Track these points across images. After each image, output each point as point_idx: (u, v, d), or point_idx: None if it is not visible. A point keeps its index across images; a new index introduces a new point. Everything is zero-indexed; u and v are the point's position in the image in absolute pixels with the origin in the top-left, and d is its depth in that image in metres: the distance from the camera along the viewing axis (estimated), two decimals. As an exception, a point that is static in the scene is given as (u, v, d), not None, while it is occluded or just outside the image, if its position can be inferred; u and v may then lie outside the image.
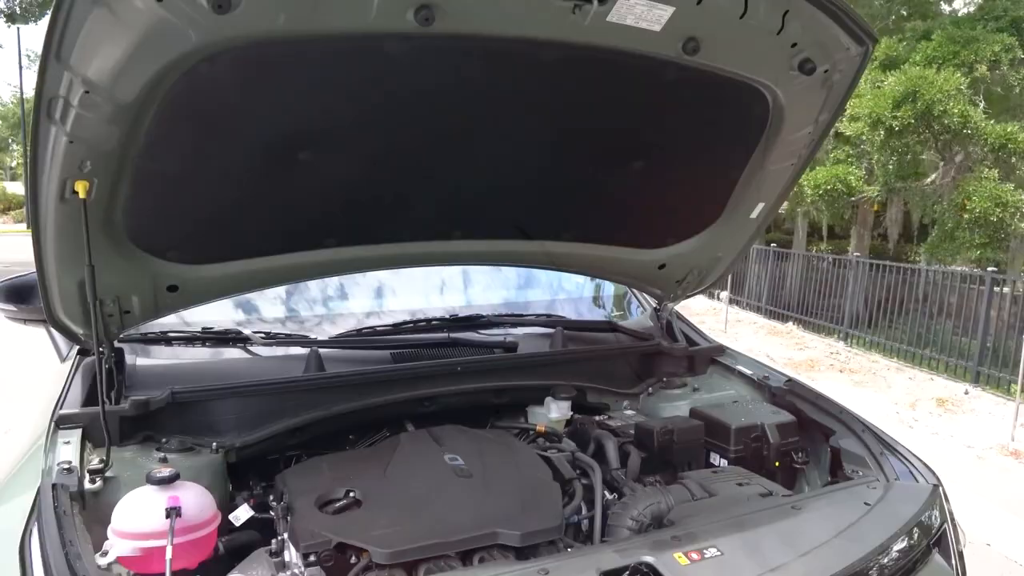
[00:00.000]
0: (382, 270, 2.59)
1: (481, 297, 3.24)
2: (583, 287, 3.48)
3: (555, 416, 2.69)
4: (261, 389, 2.38)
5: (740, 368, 3.00)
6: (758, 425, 2.52)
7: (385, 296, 3.07)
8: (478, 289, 3.28)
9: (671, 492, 2.16)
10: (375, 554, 1.81)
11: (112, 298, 2.17)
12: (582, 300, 3.51)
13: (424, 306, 3.06)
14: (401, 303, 3.05)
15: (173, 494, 1.89)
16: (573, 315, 3.34)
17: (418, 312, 2.99)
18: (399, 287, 3.10)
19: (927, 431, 7.16)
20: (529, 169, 2.36)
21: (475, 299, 3.20)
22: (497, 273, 3.25)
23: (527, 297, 3.38)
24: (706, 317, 13.94)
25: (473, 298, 3.22)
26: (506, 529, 1.90)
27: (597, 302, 3.54)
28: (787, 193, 2.69)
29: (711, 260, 2.96)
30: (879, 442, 2.29)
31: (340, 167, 2.11)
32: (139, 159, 1.84)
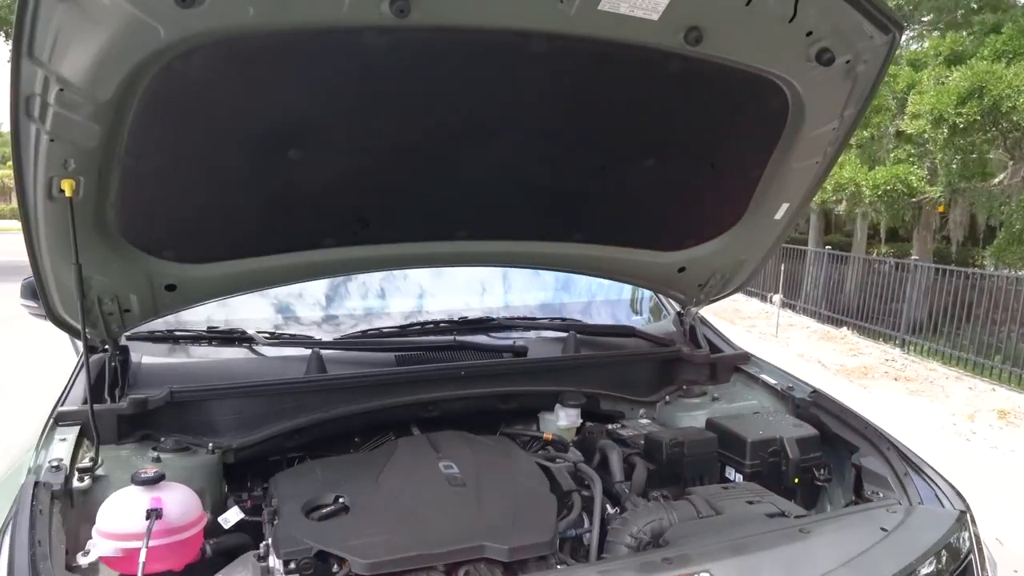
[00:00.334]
0: (383, 271, 2.54)
1: (493, 299, 3.16)
2: (603, 290, 3.36)
3: (563, 424, 2.60)
4: (259, 390, 2.35)
5: (764, 377, 2.85)
6: (777, 439, 2.38)
7: (393, 297, 3.02)
8: (490, 291, 3.20)
9: (676, 508, 2.04)
10: (354, 564, 1.75)
11: (110, 296, 2.18)
12: (601, 304, 3.39)
13: (434, 308, 3.00)
14: (409, 305, 2.99)
15: (156, 495, 1.87)
16: (591, 319, 3.22)
17: (426, 314, 2.93)
18: (408, 288, 3.05)
19: (986, 444, 6.77)
20: (533, 167, 2.27)
21: (487, 301, 3.13)
22: (511, 275, 3.17)
23: (543, 300, 3.29)
24: (757, 321, 13.58)
25: (485, 300, 3.14)
26: (494, 543, 1.81)
27: (617, 306, 3.41)
28: (813, 193, 2.53)
29: (735, 263, 2.81)
30: (904, 462, 2.12)
31: (332, 165, 2.06)
32: (126, 157, 1.82)
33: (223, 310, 2.74)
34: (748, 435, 2.38)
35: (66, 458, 2.00)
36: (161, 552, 1.85)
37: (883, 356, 10.46)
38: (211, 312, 2.71)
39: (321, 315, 2.89)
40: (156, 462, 2.13)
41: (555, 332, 2.93)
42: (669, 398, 2.85)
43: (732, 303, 15.96)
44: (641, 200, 2.50)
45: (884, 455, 2.17)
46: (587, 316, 3.26)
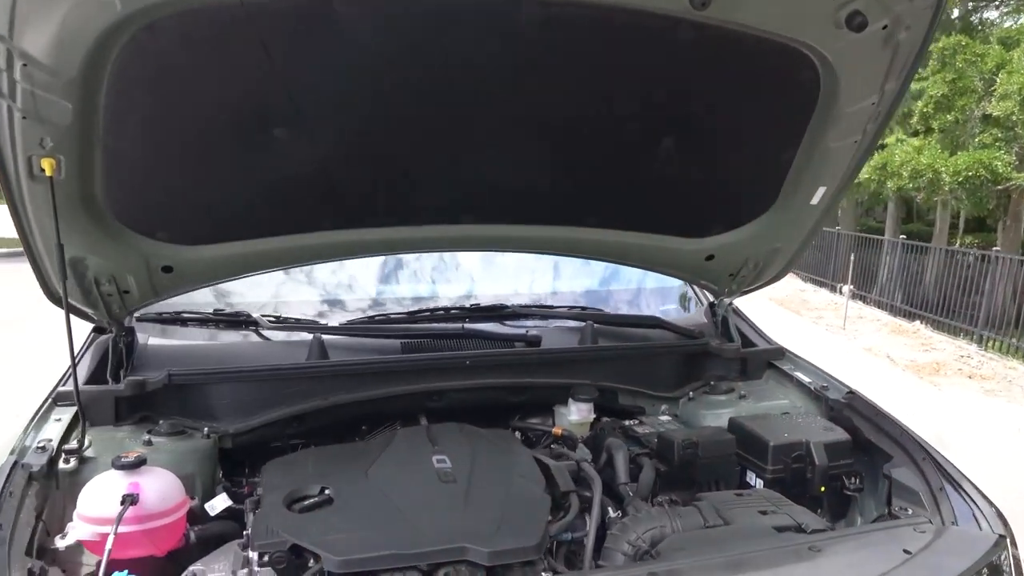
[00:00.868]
0: (385, 255, 2.44)
1: (510, 285, 3.03)
2: (632, 278, 3.19)
3: (575, 419, 2.46)
4: (256, 375, 2.30)
5: (798, 375, 2.64)
6: (802, 443, 2.19)
7: (404, 282, 2.92)
8: (508, 276, 3.07)
9: (681, 515, 1.88)
10: (327, 560, 1.67)
11: (107, 278, 2.15)
12: (627, 292, 3.22)
13: (446, 294, 2.89)
14: (421, 290, 2.90)
15: (134, 480, 1.83)
16: (616, 307, 3.06)
17: (437, 300, 2.82)
18: (421, 273, 2.95)
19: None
20: (541, 146, 2.13)
21: (503, 287, 2.99)
22: (531, 259, 3.01)
23: (565, 287, 3.14)
24: (825, 312, 13.02)
25: (501, 286, 3.00)
26: (476, 545, 1.70)
27: (647, 295, 3.23)
28: (853, 176, 2.31)
29: (768, 252, 2.61)
30: (941, 475, 1.91)
31: (322, 145, 1.97)
32: (105, 136, 1.78)
33: (236, 292, 2.70)
34: (771, 438, 2.20)
35: (55, 439, 1.99)
36: (138, 538, 1.81)
37: (958, 352, 9.85)
38: (223, 294, 2.68)
39: (331, 299, 2.82)
40: (147, 445, 2.10)
41: (573, 321, 2.78)
42: (693, 394, 2.67)
43: (799, 293, 15.37)
44: (661, 183, 2.32)
45: (919, 466, 1.95)
46: (612, 304, 3.09)
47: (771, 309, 13.42)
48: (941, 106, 11.71)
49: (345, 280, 2.87)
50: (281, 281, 2.86)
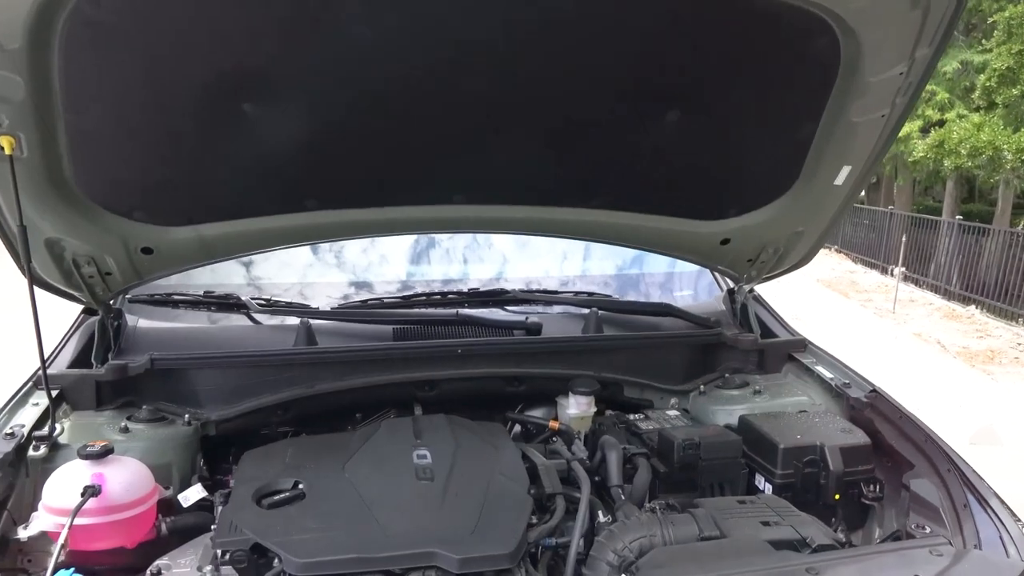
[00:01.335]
0: (371, 237, 2.31)
1: (514, 268, 2.88)
2: (647, 262, 3.00)
3: (573, 412, 2.32)
4: (238, 361, 2.22)
5: (819, 370, 2.45)
6: (816, 446, 2.01)
7: (402, 264, 2.80)
8: (511, 259, 2.92)
9: (674, 524, 1.73)
10: (287, 562, 1.58)
11: (86, 260, 2.08)
12: (641, 277, 3.04)
13: (446, 277, 2.76)
14: (419, 272, 2.77)
15: (98, 471, 1.77)
16: (626, 293, 2.89)
17: (435, 284, 2.70)
18: (420, 254, 2.83)
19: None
20: (536, 120, 1.97)
21: (507, 271, 2.85)
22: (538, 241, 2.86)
23: (574, 271, 2.98)
24: (874, 295, 12.54)
25: (505, 269, 2.86)
26: (446, 551, 1.59)
27: (663, 280, 3.05)
28: (882, 153, 2.10)
29: (790, 236, 2.41)
30: (967, 489, 1.71)
31: (295, 121, 1.84)
32: (66, 113, 1.69)
33: (233, 273, 2.63)
34: (781, 439, 2.03)
35: (29, 424, 1.94)
36: (104, 529, 1.75)
37: (1015, 339, 9.35)
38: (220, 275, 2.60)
39: (323, 281, 2.72)
40: (124, 432, 2.04)
41: (579, 308, 2.62)
42: (704, 388, 2.50)
43: (848, 274, 14.84)
44: (671, 162, 2.15)
45: (942, 478, 1.77)
46: (624, 290, 2.92)
47: (817, 290, 12.99)
48: (1005, 80, 11.01)
49: (368, 262, 2.76)
50: (309, 263, 2.78)
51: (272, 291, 2.67)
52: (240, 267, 2.74)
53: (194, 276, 2.56)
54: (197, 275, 2.52)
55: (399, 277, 2.79)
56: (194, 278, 2.57)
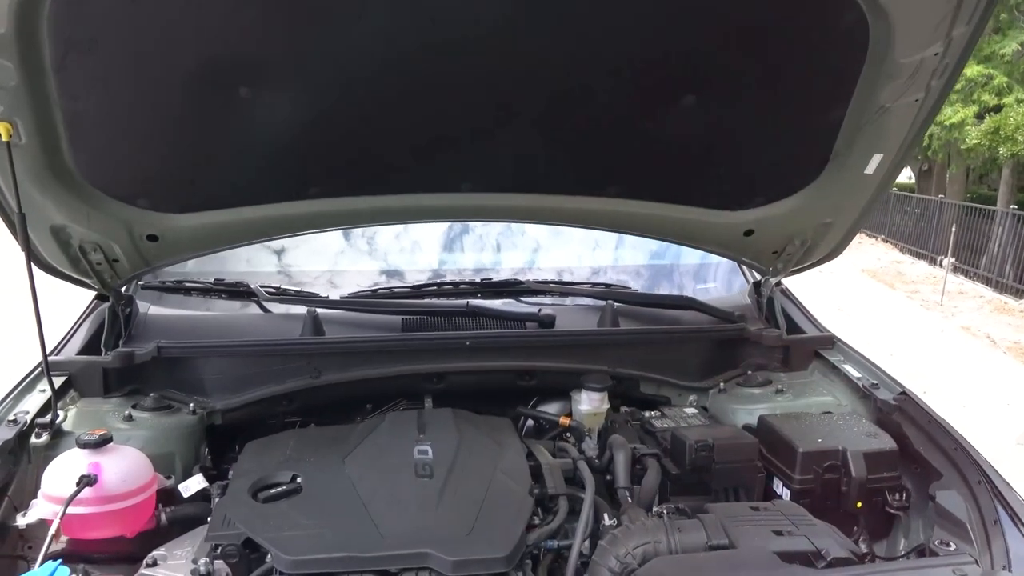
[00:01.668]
0: (377, 225, 2.26)
1: (531, 258, 2.80)
2: (670, 253, 2.90)
3: (585, 408, 2.24)
4: (243, 350, 2.19)
5: (847, 369, 2.33)
6: (838, 450, 1.90)
7: (414, 253, 2.74)
8: (528, 248, 2.84)
9: (681, 530, 1.65)
10: (276, 559, 1.55)
11: (92, 246, 2.08)
12: (664, 268, 2.93)
13: (459, 266, 2.70)
14: (431, 261, 2.71)
15: (95, 460, 1.75)
16: (648, 285, 2.79)
17: (446, 274, 2.63)
18: (432, 243, 2.76)
19: None
20: (552, 105, 1.88)
21: (524, 260, 2.77)
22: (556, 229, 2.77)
23: (596, 261, 2.88)
24: (922, 286, 12.14)
25: (522, 259, 2.78)
26: (440, 552, 1.54)
27: (683, 271, 2.94)
28: (917, 140, 1.97)
29: (817, 227, 2.29)
30: (999, 503, 1.59)
31: (294, 105, 1.79)
32: (61, 99, 1.67)
33: (295, 264, 2.60)
34: (800, 442, 1.92)
35: (33, 411, 1.94)
36: (101, 519, 1.74)
37: (1072, 336, 8.95)
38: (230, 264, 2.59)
39: (334, 270, 2.68)
40: (128, 420, 2.03)
41: (595, 300, 2.54)
42: (724, 385, 2.40)
43: (895, 264, 14.39)
44: (687, 148, 2.04)
45: (971, 490, 1.65)
46: (646, 281, 2.82)
47: (862, 281, 12.62)
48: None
49: (400, 247, 2.72)
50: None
51: (303, 279, 2.65)
52: (271, 254, 2.73)
53: (224, 262, 2.57)
54: (225, 261, 2.52)
55: (430, 266, 2.73)
56: (227, 264, 2.56)
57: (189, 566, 1.63)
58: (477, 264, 2.81)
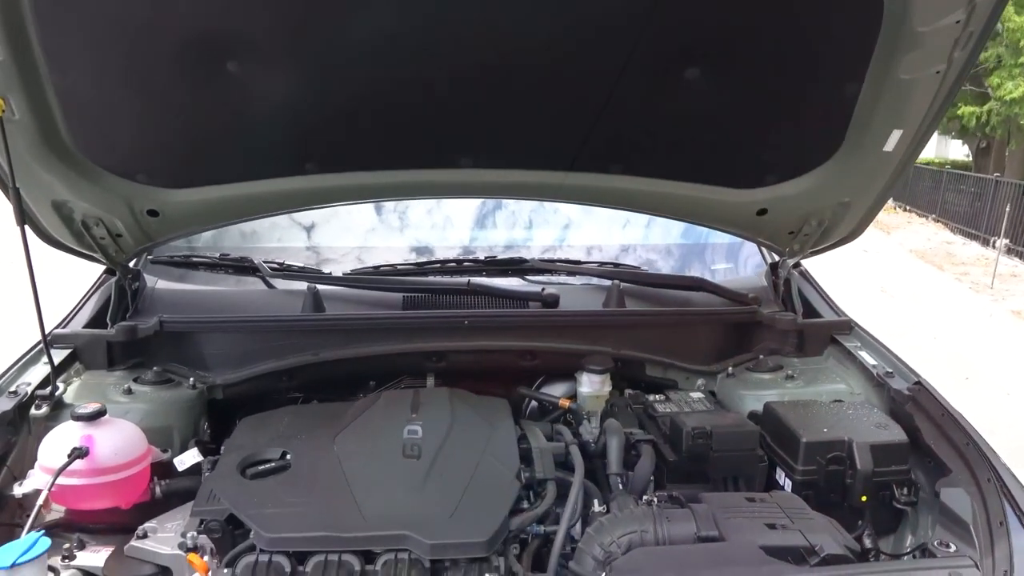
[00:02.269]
0: (377, 200, 2.23)
1: (541, 235, 2.74)
2: (688, 232, 2.80)
3: (586, 390, 2.19)
4: (243, 326, 2.20)
5: (862, 356, 2.23)
6: (844, 441, 1.82)
7: (421, 229, 2.70)
8: (538, 224, 2.78)
9: (671, 520, 1.60)
10: (257, 536, 1.55)
11: (95, 221, 2.09)
12: (678, 247, 2.84)
13: (465, 243, 2.65)
14: (436, 238, 2.67)
15: (88, 433, 1.77)
16: (661, 265, 2.71)
17: (450, 251, 2.59)
18: (439, 218, 2.72)
19: None
20: (553, 76, 1.81)
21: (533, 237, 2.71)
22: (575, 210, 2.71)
23: (609, 239, 2.80)
24: (972, 268, 11.69)
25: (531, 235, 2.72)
26: (420, 535, 1.52)
27: (699, 251, 2.84)
28: (939, 116, 1.84)
29: (836, 207, 2.18)
30: (1008, 503, 1.50)
31: (284, 80, 1.76)
32: (52, 75, 1.68)
33: (322, 245, 2.61)
34: (804, 432, 1.84)
35: (34, 383, 1.97)
36: (94, 491, 1.76)
37: None
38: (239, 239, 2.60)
39: (340, 246, 2.66)
40: (127, 393, 2.05)
41: (602, 279, 2.47)
42: (733, 369, 2.32)
43: (945, 245, 13.88)
44: (694, 124, 1.96)
45: (980, 488, 1.56)
46: (659, 260, 2.74)
47: (909, 262, 12.22)
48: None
49: (358, 224, 2.70)
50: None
51: (328, 255, 2.65)
52: (301, 230, 2.75)
53: (248, 238, 2.58)
54: (251, 237, 2.52)
55: (461, 242, 2.71)
56: (254, 239, 2.57)
57: (177, 539, 1.65)
58: (509, 241, 2.77)
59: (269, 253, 2.55)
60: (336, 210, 2.72)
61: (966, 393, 6.02)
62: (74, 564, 1.68)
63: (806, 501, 1.73)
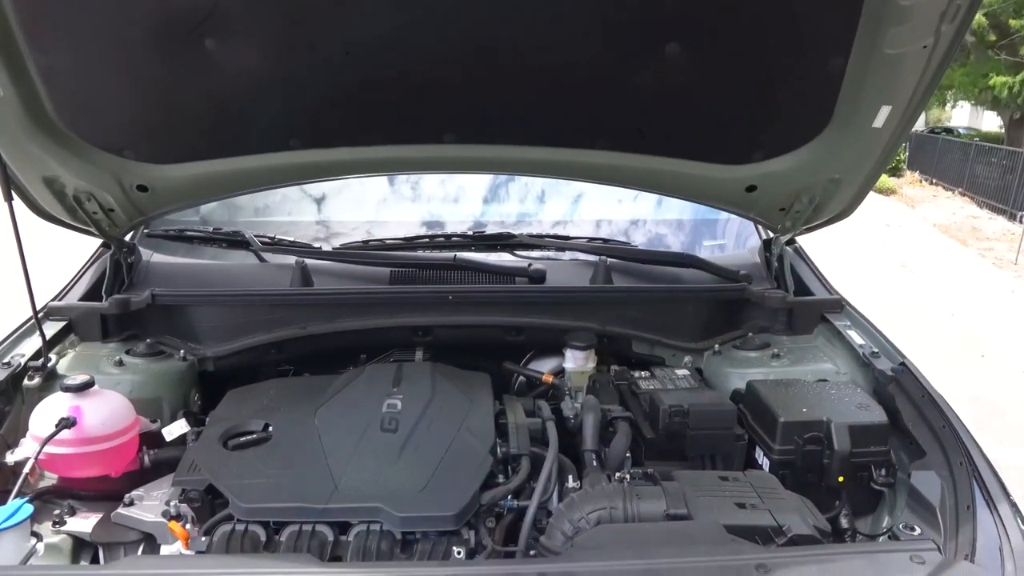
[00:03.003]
0: (361, 176, 2.22)
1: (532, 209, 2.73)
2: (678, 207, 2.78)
3: (570, 367, 2.20)
4: (232, 299, 2.23)
5: (851, 335, 2.21)
6: (822, 422, 1.82)
7: (409, 203, 2.71)
8: (529, 200, 2.77)
9: (641, 497, 1.61)
10: (233, 506, 1.59)
11: (86, 196, 2.12)
12: (670, 224, 2.82)
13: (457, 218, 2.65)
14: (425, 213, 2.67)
15: (76, 403, 1.82)
16: (646, 242, 2.69)
17: (439, 226, 2.59)
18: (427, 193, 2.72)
19: None
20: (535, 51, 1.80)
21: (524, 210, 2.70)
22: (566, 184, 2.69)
23: (600, 215, 2.79)
24: (997, 243, 11.48)
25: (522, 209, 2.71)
26: (391, 508, 1.56)
27: (691, 227, 2.82)
28: (928, 92, 1.80)
29: (826, 184, 2.15)
30: (979, 487, 1.49)
31: (263, 56, 1.76)
32: (32, 52, 1.69)
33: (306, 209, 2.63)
34: (782, 412, 1.84)
35: (28, 354, 2.02)
36: (82, 460, 1.81)
37: None
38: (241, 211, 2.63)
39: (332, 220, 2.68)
40: (118, 365, 2.10)
41: (590, 255, 2.46)
42: (719, 347, 2.32)
43: (970, 220, 13.61)
44: (678, 99, 1.93)
45: (951, 471, 1.55)
46: (651, 237, 2.73)
47: (932, 237, 12.01)
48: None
49: (350, 198, 2.71)
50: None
51: (340, 229, 2.68)
52: (312, 203, 2.78)
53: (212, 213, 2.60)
54: (264, 211, 2.54)
55: (473, 215, 2.71)
56: (267, 213, 2.59)
57: (161, 507, 1.70)
58: (520, 215, 2.77)
59: (277, 227, 2.58)
60: (348, 183, 2.76)
61: (980, 371, 5.96)
62: (64, 529, 1.74)
63: (782, 481, 1.73)
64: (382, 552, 1.51)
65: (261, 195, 2.75)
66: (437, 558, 1.53)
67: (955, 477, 1.53)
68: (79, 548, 1.73)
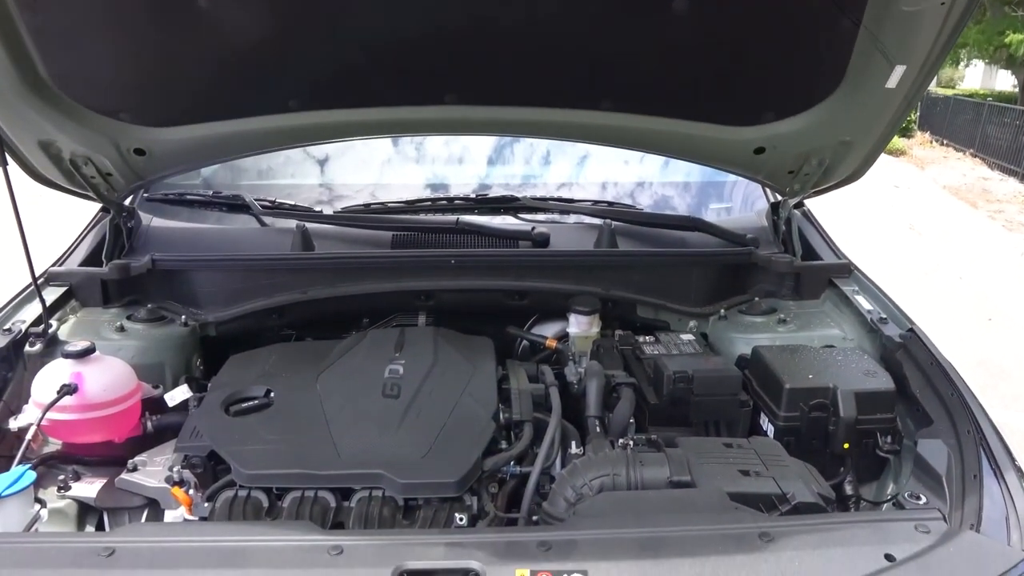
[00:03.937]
0: (362, 138, 2.18)
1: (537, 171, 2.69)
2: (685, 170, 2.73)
3: (574, 331, 2.18)
4: (233, 264, 2.21)
5: (859, 300, 2.18)
6: (828, 388, 1.80)
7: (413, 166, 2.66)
8: (534, 161, 2.72)
9: (644, 464, 1.60)
10: (235, 472, 1.59)
11: (83, 160, 2.09)
12: (677, 186, 2.77)
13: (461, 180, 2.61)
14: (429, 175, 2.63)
15: (77, 370, 1.81)
16: (652, 204, 2.65)
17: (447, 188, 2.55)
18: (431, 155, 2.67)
19: None
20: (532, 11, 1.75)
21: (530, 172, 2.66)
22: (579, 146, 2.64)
23: (606, 177, 2.74)
24: (1007, 206, 11.35)
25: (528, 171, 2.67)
26: (393, 474, 1.55)
27: (697, 190, 2.77)
28: (944, 52, 1.74)
29: (836, 146, 2.10)
30: (984, 457, 1.47)
31: (260, 14, 1.71)
32: (21, 12, 1.65)
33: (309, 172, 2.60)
34: (788, 378, 1.82)
35: (29, 320, 2.01)
36: (85, 425, 1.81)
37: None
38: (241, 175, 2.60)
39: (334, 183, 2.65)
40: (120, 331, 2.09)
41: (594, 218, 2.43)
42: (725, 312, 2.29)
43: (981, 181, 13.44)
44: (686, 59, 1.88)
45: (958, 440, 1.53)
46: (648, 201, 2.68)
47: (941, 198, 11.88)
48: None
49: (352, 161, 2.67)
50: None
51: (343, 191, 2.65)
52: (315, 164, 2.74)
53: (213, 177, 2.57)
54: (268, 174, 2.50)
55: (478, 177, 2.68)
56: (273, 176, 2.56)
57: (164, 473, 1.70)
58: (525, 177, 2.74)
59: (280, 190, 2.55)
60: (352, 144, 2.72)
61: (987, 334, 5.93)
62: (69, 494, 1.75)
63: (787, 447, 1.72)
64: (384, 518, 1.51)
65: (264, 157, 2.72)
66: (439, 524, 1.52)
67: (962, 446, 1.52)
68: (84, 513, 1.74)
